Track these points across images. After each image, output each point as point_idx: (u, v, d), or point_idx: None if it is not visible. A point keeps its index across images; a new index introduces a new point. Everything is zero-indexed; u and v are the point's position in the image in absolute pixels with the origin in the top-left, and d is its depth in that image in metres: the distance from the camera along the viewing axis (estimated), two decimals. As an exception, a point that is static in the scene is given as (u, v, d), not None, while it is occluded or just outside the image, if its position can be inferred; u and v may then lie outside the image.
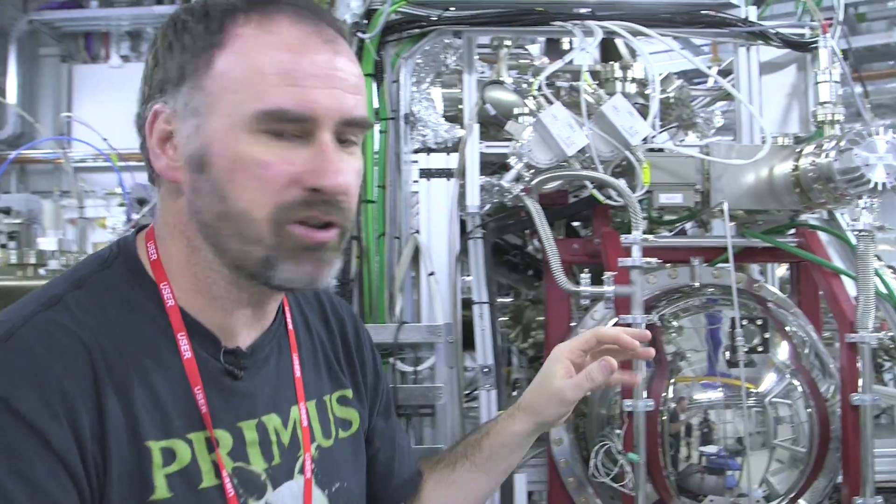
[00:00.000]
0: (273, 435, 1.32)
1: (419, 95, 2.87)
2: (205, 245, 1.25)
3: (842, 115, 2.68)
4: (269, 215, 1.18)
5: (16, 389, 1.08)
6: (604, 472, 2.40)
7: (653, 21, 2.81)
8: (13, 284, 4.25)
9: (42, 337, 1.15)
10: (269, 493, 1.28)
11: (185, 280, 1.27)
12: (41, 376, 1.10)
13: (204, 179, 1.21)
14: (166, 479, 1.17)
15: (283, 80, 1.18)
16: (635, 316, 2.32)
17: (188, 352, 1.24)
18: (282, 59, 1.19)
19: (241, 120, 1.18)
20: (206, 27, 1.23)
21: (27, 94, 11.40)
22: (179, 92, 1.23)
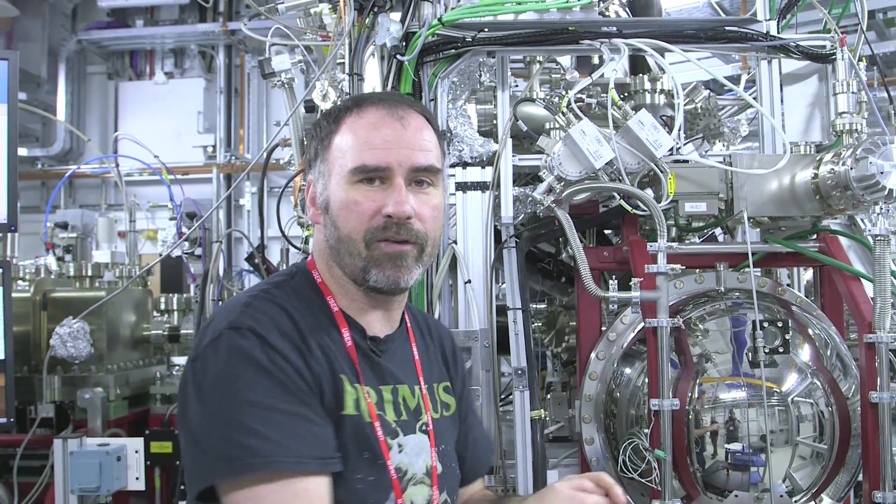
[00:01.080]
0: (401, 399, 1.78)
1: (455, 112, 3.00)
2: (335, 265, 1.77)
3: (861, 124, 2.78)
4: (363, 237, 1.69)
5: (268, 333, 1.62)
6: (632, 469, 2.52)
7: (678, 37, 2.92)
8: (72, 295, 4.43)
9: (267, 305, 1.69)
10: (401, 437, 1.73)
11: (333, 287, 1.79)
12: (277, 327, 1.64)
13: (328, 218, 1.75)
14: (354, 403, 1.67)
15: (365, 146, 1.71)
16: (661, 320, 2.43)
17: (349, 340, 1.74)
18: (366, 132, 1.73)
19: (343, 176, 1.71)
20: (328, 121, 1.79)
21: (75, 111, 11.65)
22: (316, 166, 1.80)
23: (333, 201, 1.73)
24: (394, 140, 1.72)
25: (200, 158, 11.17)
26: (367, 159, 1.70)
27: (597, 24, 2.91)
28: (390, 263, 1.70)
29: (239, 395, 1.55)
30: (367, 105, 1.78)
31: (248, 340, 1.60)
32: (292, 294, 1.76)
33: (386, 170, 1.69)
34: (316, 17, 3.50)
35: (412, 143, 1.73)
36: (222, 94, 11.41)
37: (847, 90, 2.78)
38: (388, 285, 1.72)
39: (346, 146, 1.73)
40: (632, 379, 2.72)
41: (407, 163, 1.71)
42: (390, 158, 1.70)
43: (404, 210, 1.68)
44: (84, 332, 4.04)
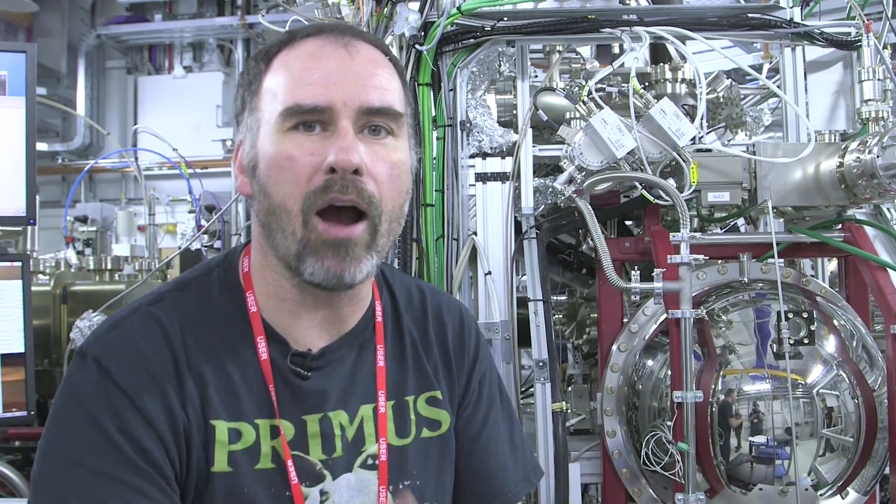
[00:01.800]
0: (338, 430, 1.40)
1: (474, 102, 2.97)
2: (268, 248, 1.37)
3: (886, 111, 2.74)
4: (300, 206, 1.29)
5: (116, 365, 1.30)
6: (655, 462, 2.49)
7: (699, 25, 2.88)
8: (91, 289, 4.45)
9: (140, 328, 1.35)
10: (328, 482, 1.38)
11: (259, 284, 1.41)
12: (137, 359, 1.31)
13: (255, 182, 1.35)
14: (228, 455, 1.32)
15: (300, 82, 1.31)
16: (684, 311, 2.40)
17: (264, 353, 1.38)
18: (301, 64, 1.33)
19: (273, 123, 1.32)
20: (257, 62, 1.40)
21: (95, 106, 11.72)
22: (244, 120, 1.40)
23: (262, 160, 1.33)
24: (336, 71, 1.31)
25: (220, 152, 11.19)
26: (302, 97, 1.29)
27: (617, 12, 2.88)
28: (332, 252, 1.30)
29: (58, 446, 1.27)
30: (305, 35, 1.37)
31: (88, 374, 1.30)
32: (196, 299, 1.41)
33: (326, 110, 1.29)
34: (334, 8, 3.48)
35: (361, 75, 1.32)
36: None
37: (873, 77, 2.73)
38: (328, 280, 1.31)
39: (278, 86, 1.33)
40: (654, 371, 2.69)
41: (355, 101, 1.30)
42: (332, 95, 1.29)
43: (349, 158, 1.26)
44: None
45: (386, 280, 1.60)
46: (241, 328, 1.39)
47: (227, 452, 1.32)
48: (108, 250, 6.15)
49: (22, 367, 3.14)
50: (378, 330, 1.50)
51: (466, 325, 1.65)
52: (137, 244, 6.48)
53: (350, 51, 1.34)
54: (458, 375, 1.59)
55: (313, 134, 1.30)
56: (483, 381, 1.63)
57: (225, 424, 1.33)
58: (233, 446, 1.32)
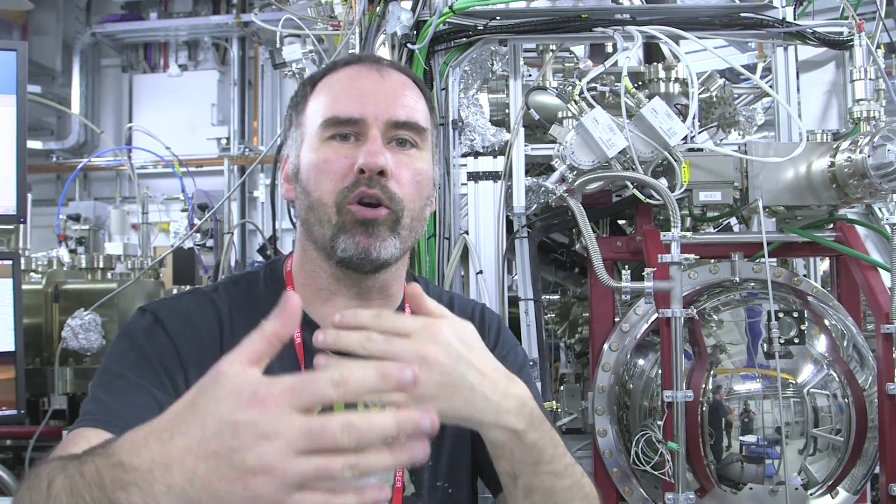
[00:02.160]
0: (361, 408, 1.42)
1: (467, 101, 2.97)
2: (308, 243, 1.59)
3: (878, 111, 2.74)
4: (334, 199, 1.50)
5: (169, 319, 1.53)
6: (645, 461, 2.50)
7: (692, 24, 2.88)
8: (83, 287, 4.43)
9: (195, 301, 1.60)
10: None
11: (299, 278, 1.63)
12: (187, 319, 1.54)
13: (299, 185, 1.58)
14: None
15: (339, 98, 1.55)
16: (674, 310, 2.40)
17: (298, 338, 1.55)
18: (340, 85, 1.57)
19: (315, 134, 1.55)
20: (304, 87, 1.65)
21: (90, 104, 11.68)
22: (291, 136, 1.64)
23: (303, 165, 1.56)
24: (370, 91, 1.54)
25: (215, 151, 11.18)
26: (339, 111, 1.53)
27: (610, 12, 2.88)
28: (361, 230, 1.49)
29: (106, 366, 1.49)
30: (344, 64, 1.62)
31: (144, 320, 1.54)
32: (245, 290, 1.63)
33: (360, 122, 1.51)
34: (327, 7, 3.48)
35: (391, 95, 1.55)
36: (236, 86, 11.41)
37: (864, 77, 2.74)
38: (358, 255, 1.49)
39: (319, 104, 1.57)
40: (645, 370, 2.69)
41: (384, 115, 1.52)
42: (365, 110, 1.52)
43: (377, 161, 1.47)
44: (96, 324, 4.04)
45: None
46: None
47: None
48: (101, 249, 6.15)
49: (12, 365, 3.15)
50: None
51: (487, 322, 1.78)
52: (130, 243, 6.46)
53: (383, 74, 1.58)
54: None
55: (348, 143, 1.52)
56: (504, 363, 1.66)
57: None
58: None
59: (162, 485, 0.91)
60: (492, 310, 1.84)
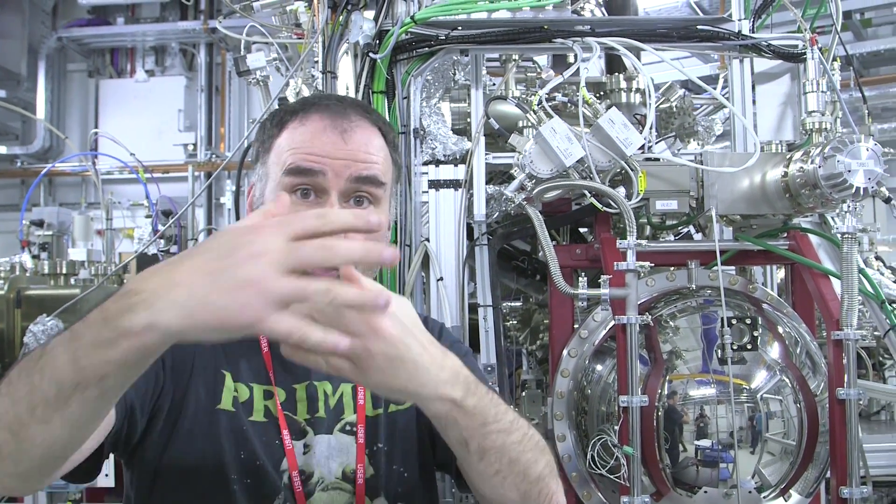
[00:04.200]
0: (322, 396, 1.66)
1: (429, 110, 3.00)
2: None
3: (830, 123, 2.80)
4: None
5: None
6: (600, 465, 2.53)
7: (650, 36, 2.93)
8: (46, 293, 4.42)
9: None
10: (309, 436, 1.63)
11: None
12: None
13: None
14: (232, 400, 1.61)
15: (301, 151, 1.60)
16: (630, 317, 2.44)
17: (266, 347, 1.66)
18: (304, 138, 1.62)
19: (277, 180, 1.60)
20: (272, 124, 1.69)
21: (55, 109, 11.58)
22: (257, 169, 1.70)
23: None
24: (332, 153, 1.59)
25: (181, 156, 11.13)
26: (301, 160, 1.58)
27: (570, 23, 2.92)
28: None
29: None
30: (313, 111, 1.66)
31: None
32: None
33: (320, 175, 1.57)
34: (291, 15, 3.50)
35: (354, 154, 1.60)
36: (203, 91, 11.38)
37: (817, 89, 2.79)
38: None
39: (283, 151, 1.62)
40: (603, 376, 2.73)
41: (345, 172, 1.57)
42: (325, 165, 1.57)
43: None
44: (58, 330, 4.01)
45: None
46: None
47: (232, 397, 1.61)
48: (65, 255, 6.09)
49: (-28, 371, 3.13)
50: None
51: (430, 324, 1.85)
52: (94, 249, 6.42)
53: (345, 137, 1.61)
54: None
55: (307, 201, 1.57)
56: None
57: (231, 379, 1.63)
58: (235, 394, 1.62)
59: (165, 300, 1.04)
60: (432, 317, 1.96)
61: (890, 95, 8.04)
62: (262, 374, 1.64)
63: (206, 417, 1.57)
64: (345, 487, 1.63)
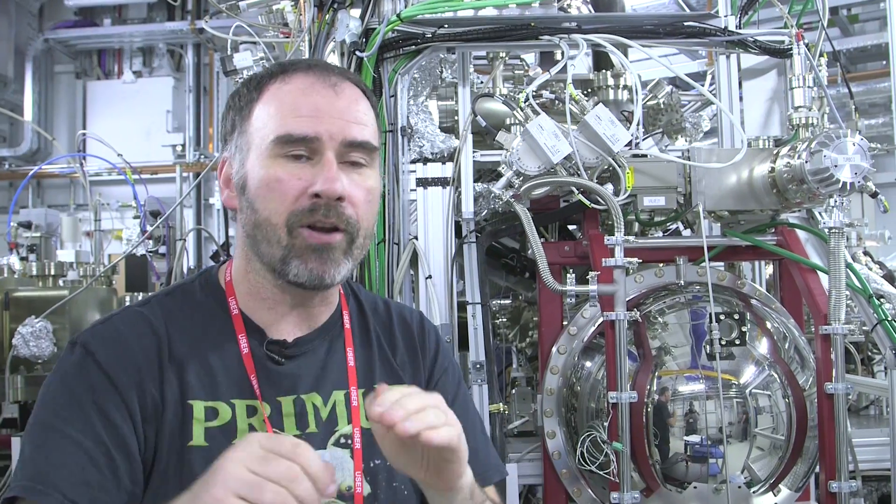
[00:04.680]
0: (311, 409, 1.55)
1: (416, 108, 3.00)
2: (253, 255, 1.54)
3: (817, 118, 2.81)
4: (284, 221, 1.46)
5: (100, 349, 1.46)
6: (590, 461, 2.53)
7: (637, 33, 2.93)
8: (34, 295, 4.40)
9: (126, 321, 1.53)
10: None
11: (243, 287, 1.58)
12: (120, 345, 1.47)
13: (244, 199, 1.52)
14: (205, 431, 1.46)
15: (292, 114, 1.48)
16: (618, 313, 2.44)
17: (246, 348, 1.53)
18: (292, 99, 1.50)
19: (264, 148, 1.49)
20: (249, 90, 1.57)
21: (43, 111, 11.55)
22: (233, 140, 1.57)
23: (252, 179, 1.49)
24: (325, 108, 1.49)
25: (170, 157, 11.11)
26: (293, 128, 1.47)
27: (557, 20, 2.92)
28: (315, 255, 1.47)
29: (37, 414, 1.44)
30: (295, 70, 1.55)
31: (74, 356, 1.46)
32: (180, 301, 1.58)
33: (314, 141, 1.46)
34: (278, 14, 3.49)
35: (346, 113, 1.50)
36: (191, 92, 11.38)
37: (803, 85, 2.80)
38: (311, 280, 1.48)
39: (269, 115, 1.50)
40: (592, 372, 2.73)
41: (340, 135, 1.47)
42: (320, 128, 1.47)
43: (335, 188, 1.44)
44: (47, 332, 4.02)
45: (352, 290, 1.76)
46: (223, 321, 1.55)
47: (204, 429, 1.46)
48: (53, 256, 6.07)
49: (-41, 373, 3.12)
50: (347, 335, 1.65)
51: (426, 329, 1.80)
52: (83, 250, 6.40)
53: (336, 90, 1.52)
54: (423, 367, 1.74)
55: (300, 162, 1.47)
56: (445, 376, 1.77)
57: (202, 403, 1.48)
58: (210, 423, 1.47)
59: None
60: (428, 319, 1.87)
61: (877, 91, 8.06)
62: (245, 385, 1.51)
63: (175, 458, 1.45)
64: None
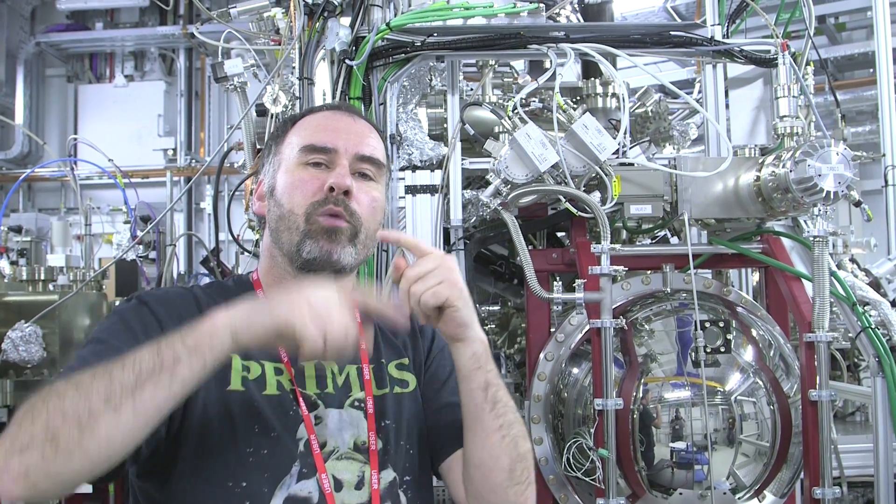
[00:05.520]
0: (329, 373, 1.78)
1: (405, 116, 3.01)
2: (276, 251, 1.80)
3: (802, 127, 2.83)
4: (304, 210, 1.73)
5: (153, 300, 1.72)
6: (576, 467, 2.55)
7: (624, 42, 2.95)
8: (24, 299, 4.40)
9: (177, 292, 1.82)
10: (320, 409, 1.73)
11: (268, 279, 1.84)
12: (170, 302, 1.73)
13: (273, 200, 1.81)
14: (242, 379, 1.69)
15: (316, 130, 1.82)
16: (604, 320, 2.46)
17: None
18: (317, 122, 1.86)
19: (293, 158, 1.80)
20: (285, 123, 1.91)
21: (34, 114, 11.50)
22: (268, 161, 1.88)
23: (279, 184, 1.80)
24: (343, 129, 1.82)
25: (161, 162, 11.10)
26: (316, 140, 1.79)
27: (545, 29, 2.94)
28: (325, 236, 1.72)
29: (88, 338, 1.66)
30: (323, 108, 1.96)
31: (130, 303, 1.72)
32: (216, 293, 1.82)
33: (332, 152, 1.77)
34: (268, 22, 3.51)
35: (360, 135, 1.83)
36: (183, 96, 11.34)
37: (788, 94, 2.83)
38: (321, 256, 1.72)
39: (298, 137, 1.82)
40: (579, 379, 2.75)
41: (354, 149, 1.78)
42: (338, 141, 1.78)
43: (345, 182, 1.73)
44: (36, 336, 4.02)
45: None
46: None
47: (241, 377, 1.69)
48: (43, 260, 6.06)
49: (-51, 378, 3.12)
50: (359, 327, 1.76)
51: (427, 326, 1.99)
52: (73, 254, 6.39)
53: (354, 119, 1.87)
54: (422, 347, 1.96)
55: (319, 169, 1.77)
56: (442, 354, 1.95)
57: (239, 360, 1.70)
58: (245, 374, 1.69)
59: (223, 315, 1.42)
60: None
61: (864, 99, 8.10)
62: (273, 351, 1.72)
63: (217, 402, 1.65)
64: (357, 457, 1.71)
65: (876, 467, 2.63)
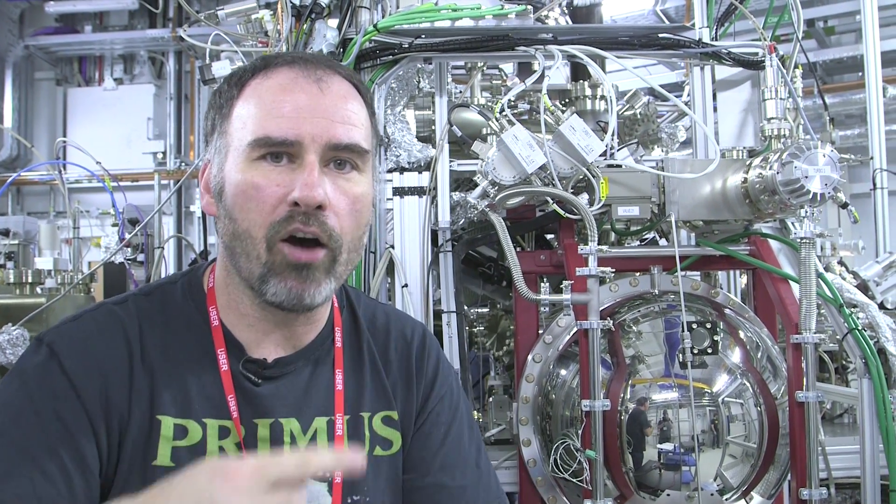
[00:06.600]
0: (287, 437, 1.43)
1: (393, 118, 3.02)
2: (232, 269, 1.43)
3: (789, 129, 2.84)
4: (265, 234, 1.34)
5: (66, 351, 1.36)
6: (563, 469, 2.55)
7: (612, 44, 2.95)
8: (11, 302, 4.38)
9: (99, 321, 1.43)
10: None
11: (222, 298, 1.48)
12: (88, 348, 1.38)
13: (222, 206, 1.41)
14: (172, 451, 1.36)
15: (271, 114, 1.36)
16: (592, 321, 2.46)
17: (225, 365, 1.43)
18: (273, 96, 1.38)
19: (242, 151, 1.37)
20: (230, 86, 1.45)
21: (23, 117, 11.48)
22: (213, 142, 1.46)
23: (229, 185, 1.38)
24: (307, 107, 1.36)
25: (150, 165, 11.08)
26: (272, 130, 1.34)
27: (533, 31, 2.94)
28: (294, 274, 1.35)
29: None
30: (278, 64, 1.42)
31: (39, 357, 1.37)
32: (159, 304, 1.48)
33: (295, 144, 1.34)
34: (256, 24, 3.50)
35: (332, 112, 1.37)
36: (172, 100, 11.34)
37: (775, 96, 2.83)
38: (290, 300, 1.36)
39: (248, 115, 1.38)
40: (567, 380, 2.75)
41: (323, 137, 1.35)
42: (301, 130, 1.34)
43: (314, 196, 1.32)
44: (24, 339, 3.99)
45: (350, 302, 1.65)
46: (202, 333, 1.46)
47: (171, 448, 1.36)
48: (31, 264, 6.04)
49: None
50: (337, 355, 1.54)
51: (427, 348, 1.68)
52: (61, 258, 6.38)
53: (321, 86, 1.38)
54: (417, 395, 1.61)
55: (280, 165, 1.35)
56: (441, 405, 1.64)
57: (172, 420, 1.37)
58: (178, 442, 1.37)
59: None
60: (433, 336, 1.75)
61: (853, 102, 8.15)
62: (220, 405, 1.40)
63: (137, 477, 1.34)
64: None
65: (862, 469, 2.62)
